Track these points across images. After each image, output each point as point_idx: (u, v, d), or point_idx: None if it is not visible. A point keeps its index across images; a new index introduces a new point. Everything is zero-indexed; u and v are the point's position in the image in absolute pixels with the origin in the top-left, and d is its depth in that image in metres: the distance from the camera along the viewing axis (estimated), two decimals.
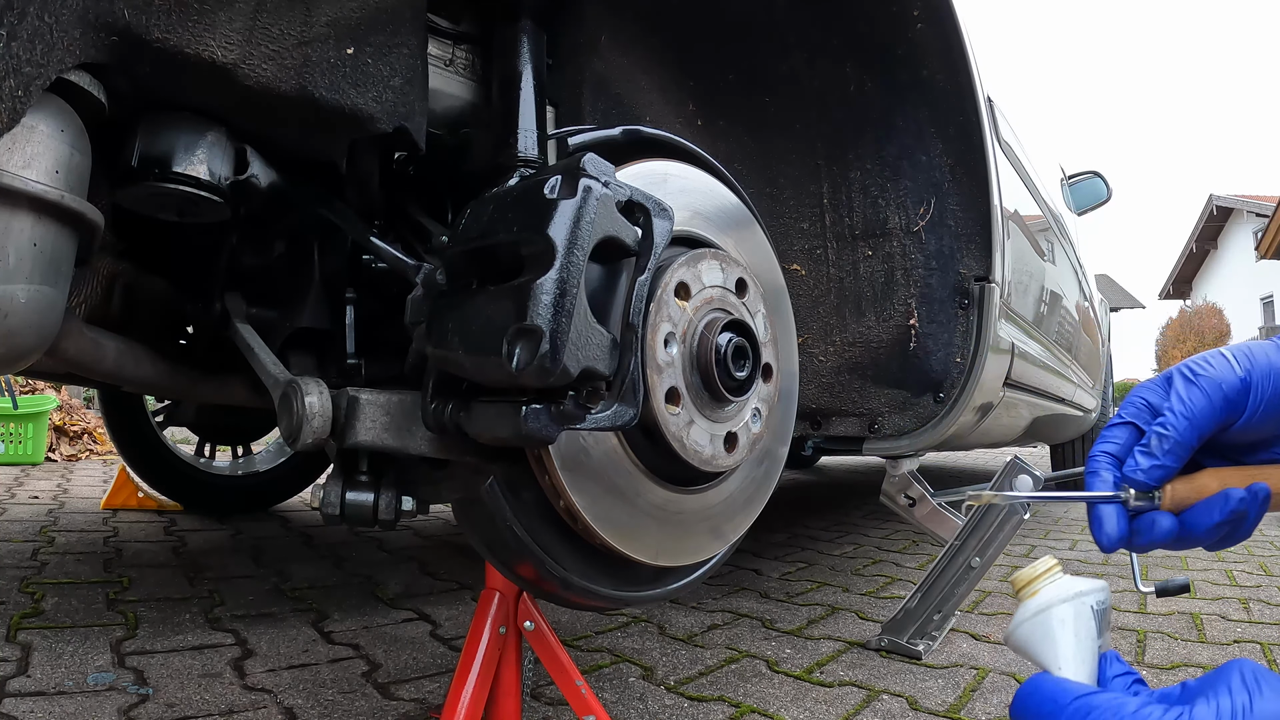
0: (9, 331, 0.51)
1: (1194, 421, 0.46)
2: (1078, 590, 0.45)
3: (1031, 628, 0.45)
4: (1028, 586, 0.47)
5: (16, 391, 3.84)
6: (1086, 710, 0.37)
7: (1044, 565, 0.47)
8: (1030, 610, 0.46)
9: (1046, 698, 0.39)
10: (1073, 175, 3.56)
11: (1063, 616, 0.44)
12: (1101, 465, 0.48)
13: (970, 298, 1.26)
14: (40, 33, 0.46)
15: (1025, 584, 0.47)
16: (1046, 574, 0.46)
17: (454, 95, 0.80)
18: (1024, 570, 0.47)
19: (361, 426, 0.62)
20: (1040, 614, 0.45)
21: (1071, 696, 0.38)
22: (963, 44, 1.15)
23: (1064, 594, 0.45)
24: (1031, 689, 0.40)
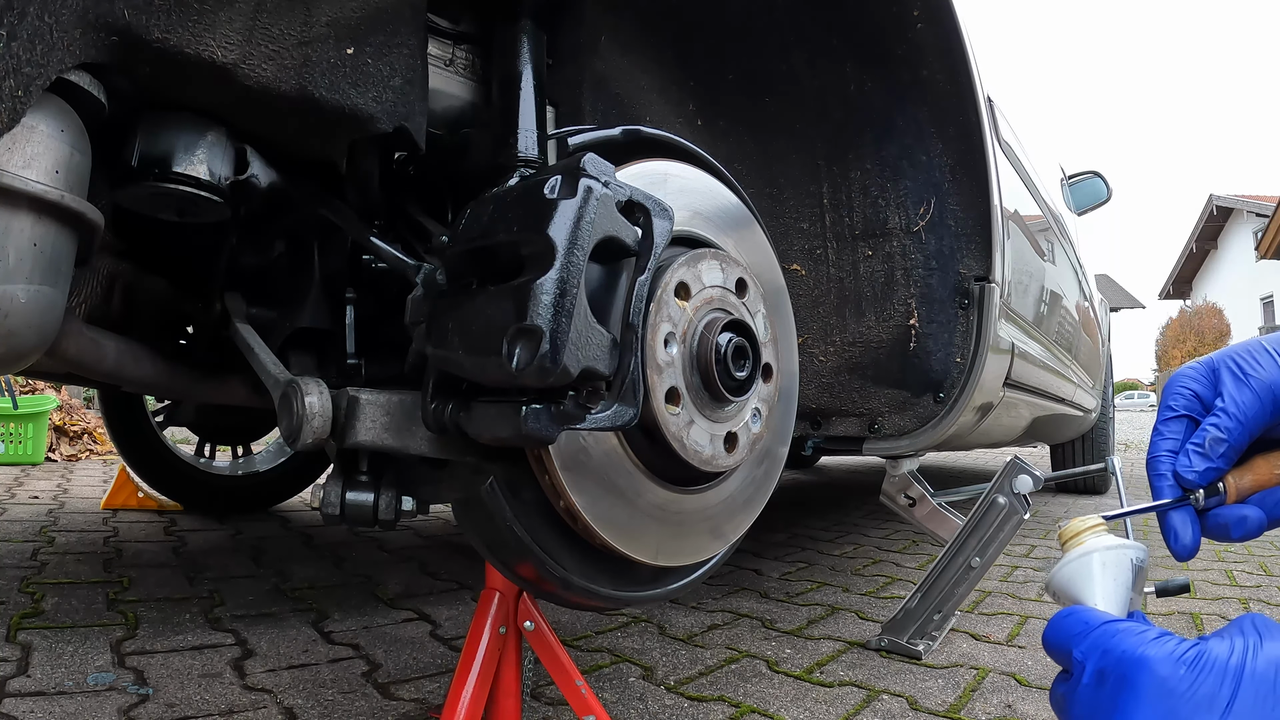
0: (9, 331, 0.51)
1: (1246, 424, 0.48)
2: (1119, 543, 0.48)
3: (1074, 569, 0.48)
4: (1075, 537, 0.50)
5: (16, 391, 3.84)
6: (1113, 633, 0.41)
7: (1092, 520, 0.50)
8: (1074, 554, 0.49)
9: (1078, 620, 0.43)
10: (1073, 175, 3.56)
11: (1104, 560, 0.48)
12: (1166, 467, 0.50)
13: (970, 298, 1.26)
14: (40, 33, 0.46)
15: (1073, 535, 0.50)
16: (1093, 528, 0.50)
17: (454, 95, 0.80)
18: (1072, 522, 0.51)
19: (361, 426, 0.62)
20: (1083, 557, 0.48)
21: (1101, 621, 0.42)
22: (963, 44, 1.15)
23: (1108, 543, 0.48)
24: (1066, 613, 0.44)
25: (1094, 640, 0.41)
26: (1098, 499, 3.82)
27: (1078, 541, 0.50)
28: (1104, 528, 0.50)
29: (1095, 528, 0.50)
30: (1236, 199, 21.09)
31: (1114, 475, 1.35)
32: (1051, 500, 3.71)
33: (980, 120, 1.19)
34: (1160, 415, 0.52)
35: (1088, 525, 0.50)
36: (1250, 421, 0.48)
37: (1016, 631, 1.44)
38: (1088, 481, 3.94)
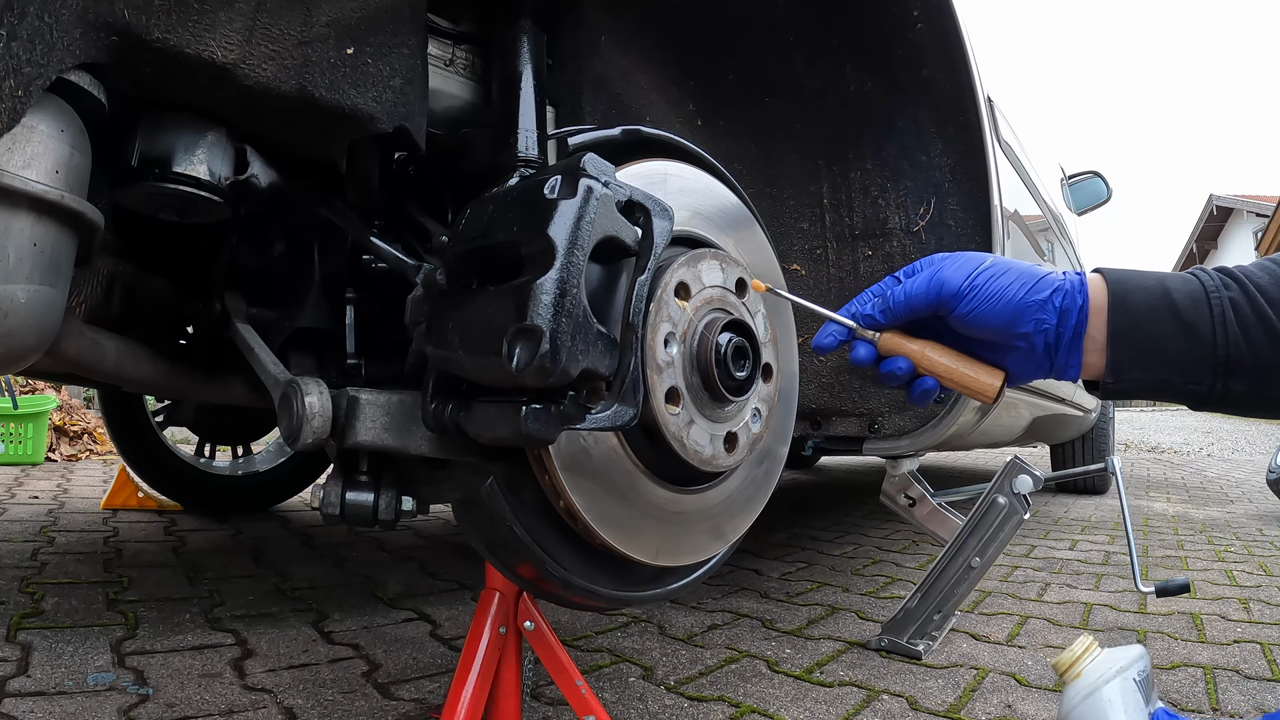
0: (9, 331, 0.51)
1: (909, 299, 0.62)
2: (1119, 666, 0.47)
3: (1083, 711, 0.47)
4: (1070, 669, 0.49)
5: (16, 391, 3.84)
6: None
7: (1081, 646, 0.50)
8: (1079, 694, 0.48)
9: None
10: (1073, 175, 3.56)
11: (1110, 696, 0.46)
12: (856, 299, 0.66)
13: None
14: (40, 33, 0.46)
15: (1068, 667, 0.49)
16: (1086, 654, 0.49)
17: (454, 95, 0.80)
18: (1064, 655, 0.49)
19: (361, 426, 0.62)
20: (1089, 697, 0.47)
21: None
22: (963, 44, 1.15)
23: (1107, 673, 0.47)
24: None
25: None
26: (1097, 499, 3.82)
27: (1075, 674, 0.49)
28: (1096, 648, 0.49)
29: (1087, 653, 0.49)
30: (1236, 199, 21.08)
31: (1114, 475, 1.35)
32: (1051, 500, 3.71)
33: (980, 120, 1.19)
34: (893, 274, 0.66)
35: (1079, 654, 0.49)
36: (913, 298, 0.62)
37: (1016, 631, 1.44)
38: (1088, 481, 3.94)
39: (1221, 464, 6.80)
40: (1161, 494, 4.21)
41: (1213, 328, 0.57)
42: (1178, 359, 0.58)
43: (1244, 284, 0.58)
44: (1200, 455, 7.79)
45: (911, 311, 0.63)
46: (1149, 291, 0.60)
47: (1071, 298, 0.60)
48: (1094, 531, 2.77)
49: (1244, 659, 1.31)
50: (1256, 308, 0.56)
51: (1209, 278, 0.59)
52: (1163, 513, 3.40)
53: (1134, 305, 0.59)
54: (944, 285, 0.61)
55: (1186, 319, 0.58)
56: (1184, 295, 0.58)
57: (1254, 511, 3.55)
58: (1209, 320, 0.57)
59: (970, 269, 0.61)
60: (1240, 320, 0.57)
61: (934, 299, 0.62)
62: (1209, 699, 1.12)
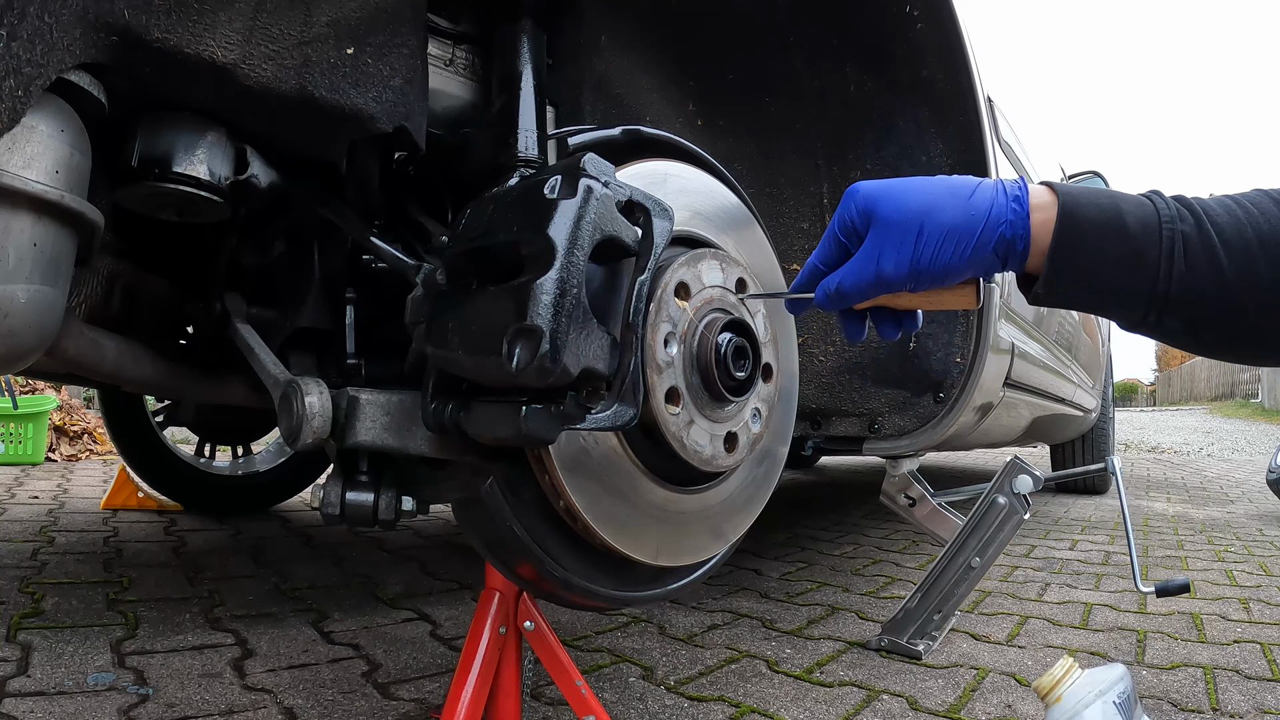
0: (9, 331, 0.51)
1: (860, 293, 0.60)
2: (1099, 689, 0.47)
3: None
4: (1051, 692, 0.49)
5: (16, 391, 3.84)
6: None
7: (1061, 669, 0.49)
8: (1059, 718, 0.48)
9: None
10: (1073, 175, 3.56)
11: None
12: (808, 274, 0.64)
13: None
14: (40, 33, 0.46)
15: (1048, 690, 0.49)
16: (1066, 676, 0.49)
17: (454, 95, 0.80)
18: (1044, 678, 0.49)
19: (361, 426, 0.62)
20: None
21: None
22: (963, 44, 1.15)
23: (1087, 697, 0.47)
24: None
25: None
26: (1097, 499, 3.82)
27: (1055, 698, 0.49)
28: (1076, 670, 0.49)
29: (1068, 675, 0.49)
30: None
31: (1114, 475, 1.35)
32: (1051, 500, 3.71)
33: (980, 120, 1.19)
34: (830, 228, 0.63)
35: (1059, 677, 0.49)
36: (862, 292, 0.60)
37: (1016, 631, 1.44)
38: (1088, 481, 3.94)
39: (1221, 464, 6.80)
40: (1161, 494, 4.21)
41: (1158, 259, 0.54)
42: (1117, 284, 0.56)
43: (1200, 218, 0.54)
44: (1200, 455, 7.79)
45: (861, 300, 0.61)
46: (1100, 209, 0.56)
47: (1013, 244, 0.57)
48: (1094, 531, 2.77)
49: (1244, 659, 1.31)
50: (1208, 244, 0.53)
51: (1165, 205, 0.56)
52: (1163, 513, 3.40)
53: (1083, 219, 0.56)
54: (887, 281, 0.58)
55: (1134, 244, 0.54)
56: (1136, 220, 0.55)
57: (1254, 511, 3.55)
58: (1156, 250, 0.54)
59: (907, 256, 0.57)
60: (1189, 254, 0.53)
61: (879, 292, 0.60)
62: (1209, 699, 1.12)
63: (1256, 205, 0.54)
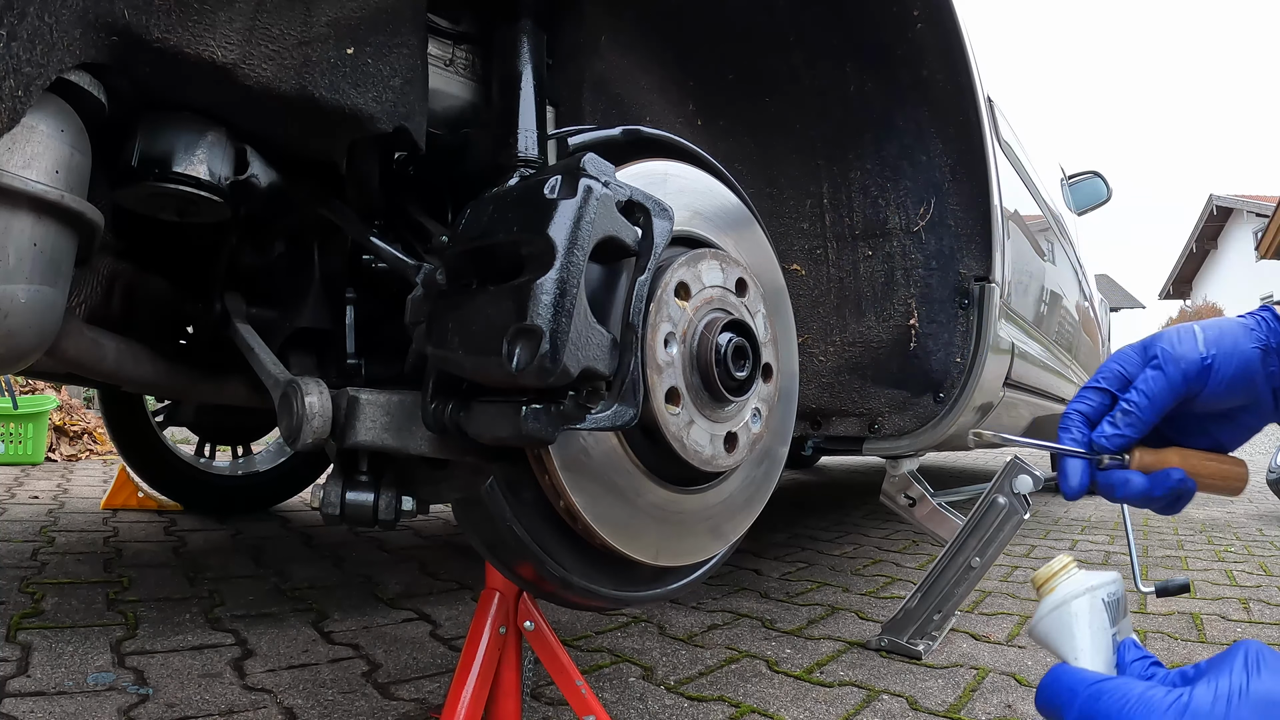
0: (9, 331, 0.51)
1: (1154, 401, 0.53)
2: (1089, 585, 0.49)
3: (1050, 622, 0.49)
4: (1046, 584, 0.50)
5: (16, 391, 3.84)
6: (1098, 695, 0.41)
7: (1059, 563, 0.51)
8: (1048, 606, 0.49)
9: (1064, 687, 0.43)
10: (1073, 175, 3.56)
11: (1077, 610, 0.48)
12: (1073, 423, 0.56)
13: (970, 298, 1.26)
14: (40, 33, 0.46)
15: (1044, 581, 0.51)
16: (1062, 571, 0.50)
17: (454, 95, 0.80)
18: (1042, 569, 0.52)
19: (361, 426, 0.62)
20: (1056, 609, 0.49)
21: (1086, 684, 0.42)
22: (963, 44, 1.15)
23: (1077, 589, 0.49)
24: (1051, 679, 0.45)
25: (1081, 708, 0.42)
26: (1097, 499, 3.82)
27: (1049, 589, 0.50)
28: (1073, 567, 0.51)
29: (1064, 570, 0.50)
30: (1236, 199, 21.07)
31: None
32: (1051, 500, 3.71)
33: (980, 120, 1.19)
34: (1086, 384, 0.57)
35: (1056, 570, 0.51)
36: (1158, 398, 0.53)
37: (1016, 631, 1.44)
38: None
39: None
40: None
41: None
42: None
43: None
44: None
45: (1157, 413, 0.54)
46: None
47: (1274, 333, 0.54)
48: (1094, 531, 2.77)
49: None
50: None
51: None
52: None
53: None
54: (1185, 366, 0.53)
55: None
56: None
57: (1254, 511, 3.55)
58: None
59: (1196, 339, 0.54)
60: None
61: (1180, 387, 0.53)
62: None
63: None
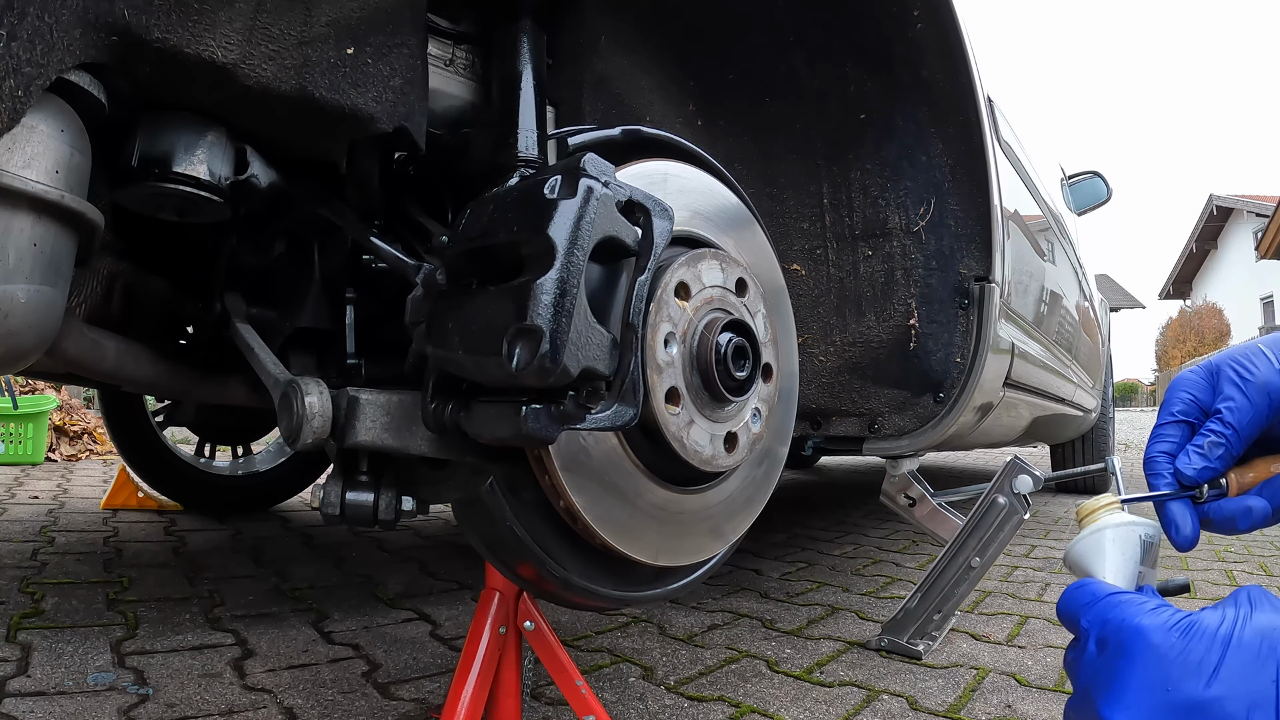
0: (9, 331, 0.51)
1: (1241, 428, 0.51)
2: (1130, 520, 0.52)
3: (1086, 544, 0.52)
4: (1091, 514, 0.53)
5: (16, 391, 3.84)
6: (1115, 604, 0.44)
7: (1106, 499, 0.53)
8: (1088, 531, 0.52)
9: (1087, 592, 0.46)
10: (1073, 175, 3.56)
11: (1114, 536, 0.51)
12: (1163, 467, 0.54)
13: (970, 298, 1.26)
14: (40, 33, 0.46)
15: (1089, 512, 0.53)
16: (1107, 506, 0.53)
17: (454, 95, 0.80)
18: (1089, 501, 0.53)
19: (361, 426, 0.62)
20: (1095, 533, 0.52)
21: (1106, 593, 0.45)
22: (963, 44, 1.15)
23: (1119, 520, 0.52)
24: (1076, 586, 0.47)
25: (1098, 610, 0.44)
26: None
27: (1093, 519, 0.53)
28: (1117, 505, 0.53)
29: (1109, 505, 0.53)
30: (1236, 199, 21.08)
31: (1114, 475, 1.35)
32: (1051, 500, 3.71)
33: (980, 120, 1.19)
34: (1160, 418, 0.55)
35: (1103, 504, 0.53)
36: (1246, 427, 0.51)
37: (1016, 631, 1.44)
38: (1088, 481, 3.93)
39: None
40: None
41: None
42: None
43: None
44: None
45: (1248, 438, 0.52)
46: None
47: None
48: None
49: None
50: None
51: None
52: None
53: None
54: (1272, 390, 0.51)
55: None
56: None
57: None
58: None
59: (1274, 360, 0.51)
60: None
61: (1266, 413, 0.51)
62: None
63: None
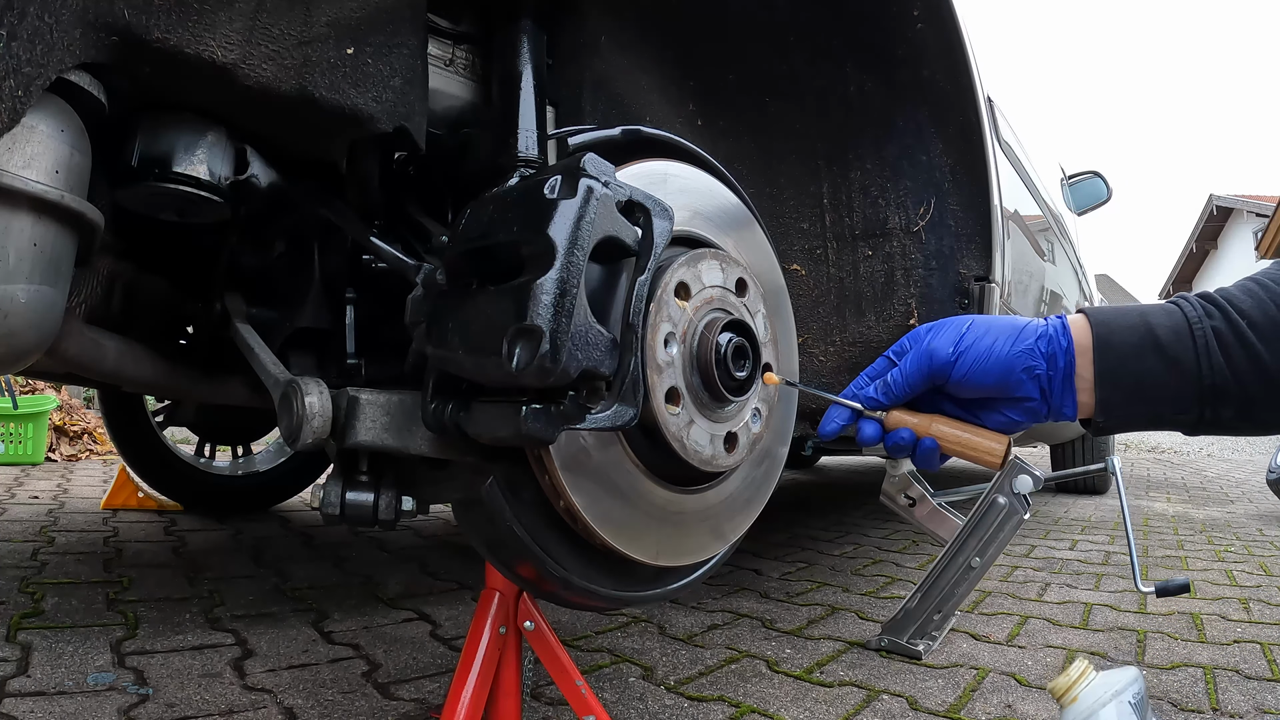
0: (9, 331, 0.51)
1: (907, 379, 0.66)
2: (1114, 690, 0.49)
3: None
4: (1067, 693, 0.51)
5: (16, 391, 3.84)
6: None
7: (1077, 670, 0.51)
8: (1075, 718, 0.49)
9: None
10: (1073, 175, 3.56)
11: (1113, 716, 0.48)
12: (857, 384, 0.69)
13: (970, 298, 1.26)
14: (40, 33, 0.46)
15: (1064, 691, 0.51)
16: (1081, 678, 0.50)
17: (454, 95, 0.80)
18: (1059, 679, 0.51)
19: (361, 426, 0.62)
20: None
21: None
22: (963, 44, 1.15)
23: (1102, 697, 0.49)
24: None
25: None
26: (1097, 499, 3.82)
27: (1071, 699, 0.50)
28: (1091, 672, 0.51)
29: (1082, 677, 0.51)
30: (1236, 199, 21.07)
31: (1114, 475, 1.35)
32: (1051, 500, 3.71)
33: (980, 120, 1.19)
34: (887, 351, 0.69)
35: (1075, 678, 0.51)
36: (910, 377, 0.65)
37: (1016, 631, 1.44)
38: (1088, 481, 3.94)
39: (1221, 464, 6.80)
40: (1161, 494, 4.21)
41: (1196, 359, 0.58)
42: (1165, 392, 0.60)
43: (1226, 310, 0.58)
44: (1200, 455, 7.79)
45: (910, 389, 0.66)
46: (1132, 329, 0.60)
47: (1055, 341, 0.62)
48: (1094, 531, 2.77)
49: (1244, 659, 1.31)
50: (1239, 333, 0.57)
51: (1191, 307, 0.60)
52: (1163, 513, 3.40)
53: (1118, 344, 0.60)
54: (933, 357, 0.64)
55: (1171, 353, 0.59)
56: (1167, 329, 0.59)
57: (1254, 511, 3.55)
58: (1192, 351, 0.58)
59: (954, 336, 0.64)
60: (1223, 348, 0.57)
61: (927, 372, 0.64)
62: (1209, 699, 1.12)
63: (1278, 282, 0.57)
